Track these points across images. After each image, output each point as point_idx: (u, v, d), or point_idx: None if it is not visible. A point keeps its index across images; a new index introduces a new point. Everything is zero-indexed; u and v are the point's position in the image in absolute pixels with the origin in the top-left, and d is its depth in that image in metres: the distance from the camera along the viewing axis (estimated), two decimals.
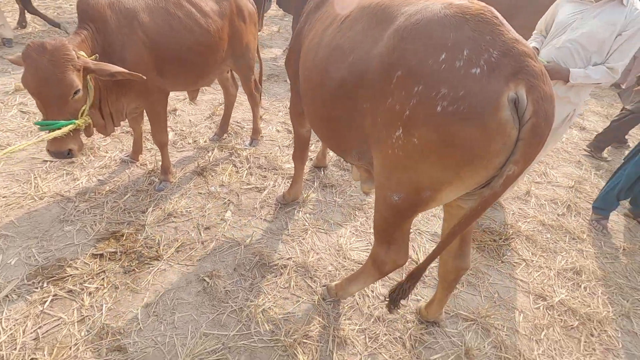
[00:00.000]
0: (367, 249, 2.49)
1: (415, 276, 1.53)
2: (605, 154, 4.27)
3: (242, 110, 3.96)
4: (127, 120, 2.66)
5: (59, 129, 1.78)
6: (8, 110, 3.32)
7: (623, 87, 6.78)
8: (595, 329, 2.18)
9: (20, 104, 3.43)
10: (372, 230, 2.63)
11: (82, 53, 1.82)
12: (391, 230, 1.54)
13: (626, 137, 4.62)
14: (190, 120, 3.66)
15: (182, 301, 1.98)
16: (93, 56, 1.89)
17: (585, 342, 2.10)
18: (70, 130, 1.81)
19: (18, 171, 2.65)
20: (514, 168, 1.17)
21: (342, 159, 3.37)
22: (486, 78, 1.12)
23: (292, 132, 3.66)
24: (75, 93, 1.79)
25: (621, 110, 4.43)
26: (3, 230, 2.19)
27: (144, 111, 2.54)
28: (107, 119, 2.23)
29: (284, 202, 2.73)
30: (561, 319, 2.21)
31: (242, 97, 4.07)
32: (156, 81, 2.32)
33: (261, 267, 2.24)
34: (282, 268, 2.25)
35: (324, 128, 1.77)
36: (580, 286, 2.46)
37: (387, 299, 1.63)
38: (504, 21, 1.21)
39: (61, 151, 1.85)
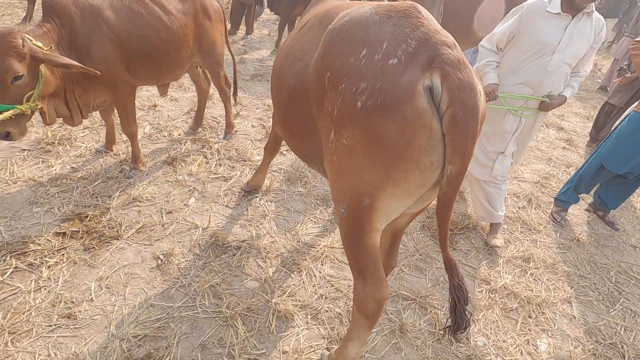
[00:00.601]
0: (322, 234, 2.60)
1: (449, 267, 1.34)
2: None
3: (220, 107, 4.11)
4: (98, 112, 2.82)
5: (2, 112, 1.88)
6: None
7: (608, 89, 6.88)
8: (533, 311, 2.26)
9: None
10: (329, 218, 2.75)
11: (39, 43, 1.97)
12: (357, 253, 1.41)
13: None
14: (168, 115, 3.81)
15: (135, 276, 2.10)
16: (48, 47, 2.03)
17: (523, 323, 2.18)
18: (13, 115, 1.91)
19: None
20: (449, 167, 1.13)
21: None
22: (403, 68, 1.12)
23: (270, 127, 3.81)
24: (16, 79, 1.88)
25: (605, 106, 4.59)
26: None
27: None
28: (74, 111, 2.37)
29: (247, 189, 2.85)
30: (502, 302, 2.29)
31: None
32: (124, 76, 2.47)
33: (216, 247, 2.36)
34: (235, 249, 2.36)
35: (287, 132, 1.79)
36: (527, 272, 2.54)
37: (449, 327, 1.37)
38: (429, 16, 1.24)
39: None
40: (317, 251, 2.44)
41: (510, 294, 2.35)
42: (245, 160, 3.26)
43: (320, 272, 2.30)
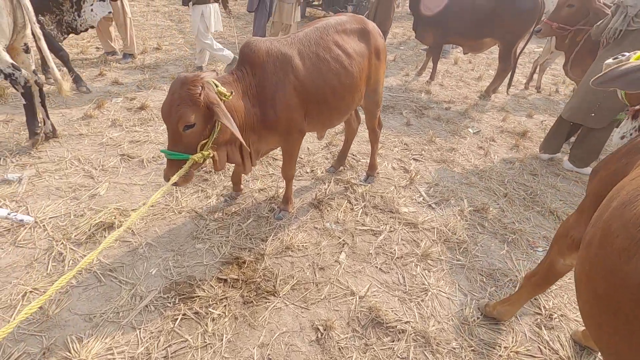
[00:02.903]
0: (499, 329, 2.11)
1: None
2: None
3: (357, 142, 3.91)
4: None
5: (177, 160, 1.84)
6: (161, 125, 3.82)
7: None
8: None
9: None
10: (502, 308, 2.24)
11: (223, 89, 1.87)
12: None
13: None
14: (308, 149, 3.73)
15: (295, 349, 1.90)
16: (229, 93, 1.92)
17: None
18: (189, 167, 1.84)
19: (164, 183, 2.97)
20: None
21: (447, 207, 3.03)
22: None
23: (414, 171, 3.44)
24: (187, 127, 1.79)
25: None
26: (149, 239, 2.44)
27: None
28: (246, 159, 2.30)
29: (484, 312, 2.19)
30: None
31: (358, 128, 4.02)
32: (300, 124, 2.34)
33: (376, 325, 2.05)
34: (399, 333, 2.03)
35: (588, 306, 1.13)
36: None
37: None
38: None
39: (166, 177, 1.91)
40: (499, 356, 1.96)
41: None
42: (392, 212, 2.94)
43: None
